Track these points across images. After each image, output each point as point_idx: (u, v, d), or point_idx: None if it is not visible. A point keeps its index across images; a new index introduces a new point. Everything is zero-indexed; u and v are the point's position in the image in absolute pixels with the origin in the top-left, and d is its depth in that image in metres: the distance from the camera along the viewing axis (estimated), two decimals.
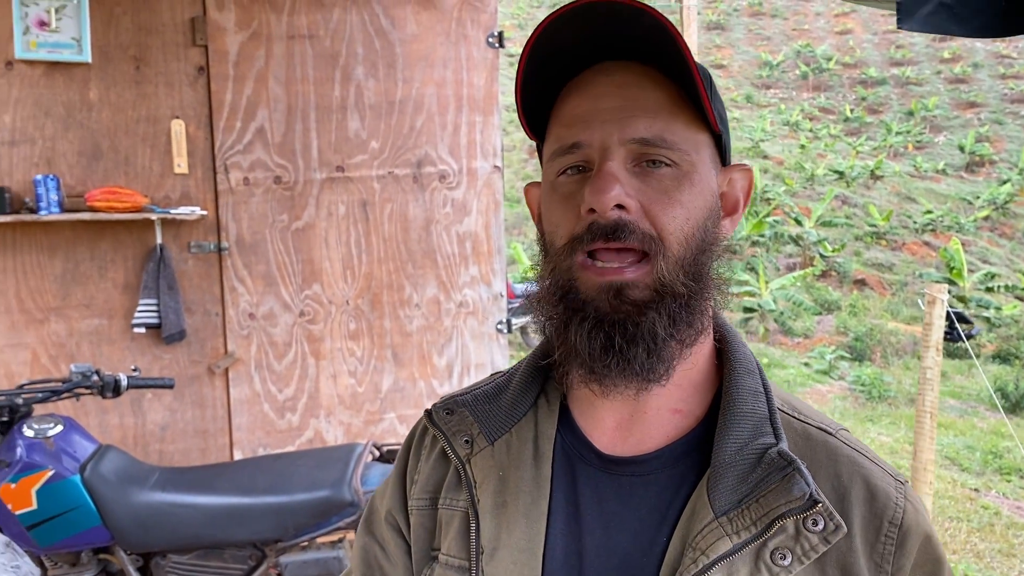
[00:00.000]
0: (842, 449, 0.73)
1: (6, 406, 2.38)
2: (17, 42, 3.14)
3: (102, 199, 3.15)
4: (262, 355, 3.50)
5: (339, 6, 3.48)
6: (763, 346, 12.70)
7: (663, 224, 0.69)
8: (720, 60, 38.14)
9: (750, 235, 17.49)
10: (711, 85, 0.73)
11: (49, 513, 2.28)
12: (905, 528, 0.69)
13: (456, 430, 0.82)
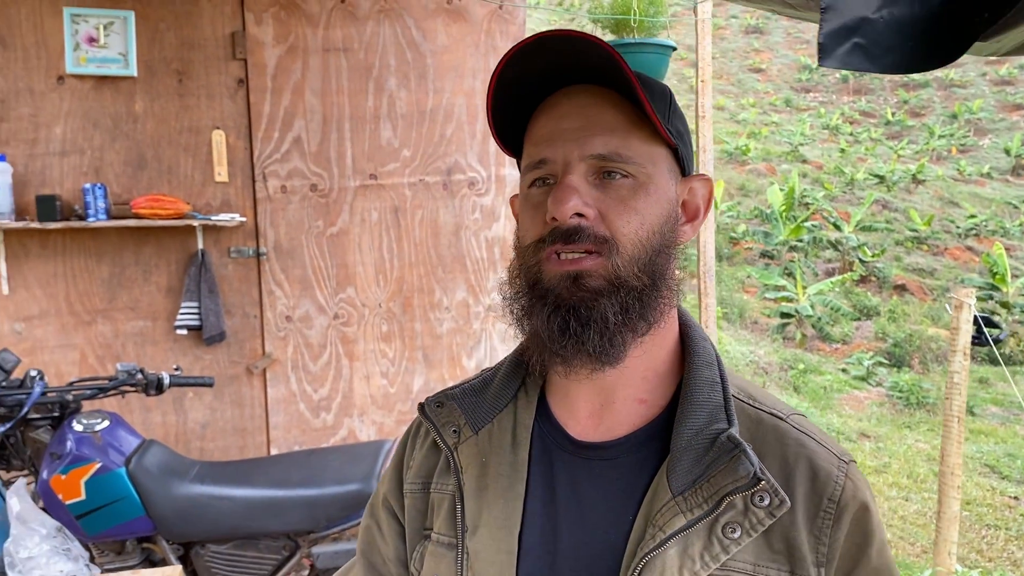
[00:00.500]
0: (790, 432, 0.80)
1: (57, 402, 2.52)
2: (68, 58, 3.31)
3: (147, 206, 3.30)
4: (298, 356, 3.63)
5: (372, 20, 3.60)
6: (800, 352, 12.59)
7: (617, 228, 0.77)
8: (759, 64, 37.82)
9: (788, 240, 17.32)
10: (669, 104, 0.81)
11: (96, 503, 2.41)
12: (843, 504, 0.76)
13: (445, 421, 0.91)
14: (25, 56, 3.29)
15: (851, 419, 9.15)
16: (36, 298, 3.36)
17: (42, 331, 3.36)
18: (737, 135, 27.27)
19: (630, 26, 2.54)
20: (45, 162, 3.33)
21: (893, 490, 6.68)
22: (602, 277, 0.77)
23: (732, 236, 19.32)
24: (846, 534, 0.75)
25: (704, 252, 2.18)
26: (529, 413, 0.89)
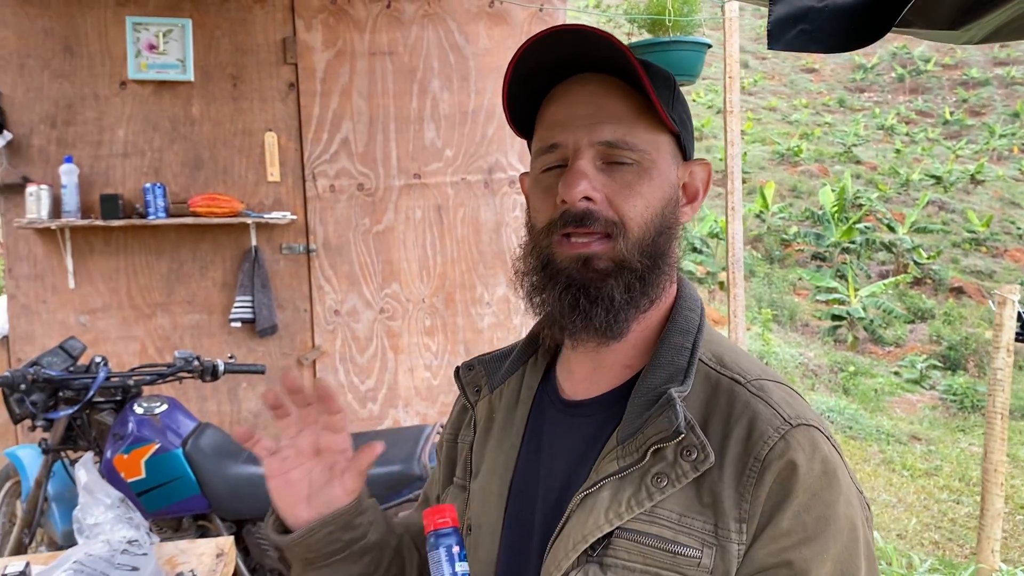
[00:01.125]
0: (742, 395, 0.83)
1: (120, 387, 2.69)
2: (130, 64, 3.50)
3: (203, 205, 3.47)
4: (346, 349, 3.77)
5: (417, 24, 3.73)
6: (851, 354, 12.41)
7: (624, 212, 0.84)
8: (811, 64, 37.29)
9: (840, 241, 17.08)
10: (672, 93, 0.89)
11: (155, 482, 2.57)
12: (767, 462, 0.76)
13: (471, 382, 1.03)
14: (91, 63, 3.49)
15: (902, 422, 9.02)
16: (100, 292, 3.55)
17: (105, 323, 3.55)
18: (789, 136, 26.94)
19: (665, 25, 2.61)
20: (109, 163, 3.52)
21: (944, 493, 6.59)
22: (610, 259, 0.84)
23: (783, 238, 19.11)
24: (767, 492, 0.76)
25: (733, 244, 2.23)
26: (535, 377, 0.99)
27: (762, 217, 19.52)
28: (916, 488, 6.63)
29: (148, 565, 1.75)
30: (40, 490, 2.71)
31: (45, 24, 3.43)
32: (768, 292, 15.45)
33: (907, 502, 6.24)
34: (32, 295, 3.50)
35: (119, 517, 1.94)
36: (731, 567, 0.76)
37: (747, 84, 34.00)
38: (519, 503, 0.92)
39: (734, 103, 2.13)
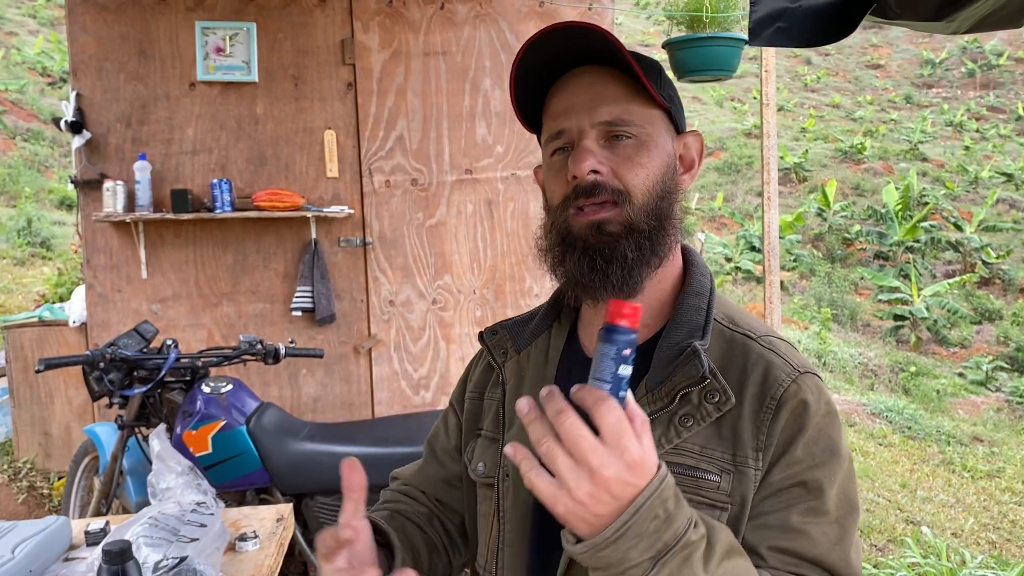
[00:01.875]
0: (755, 348, 0.97)
1: (189, 368, 2.87)
2: (199, 66, 3.70)
3: (266, 199, 3.66)
4: (400, 338, 3.92)
5: (469, 24, 3.86)
6: (913, 355, 12.18)
7: (628, 180, 0.95)
8: (877, 60, 36.44)
9: (904, 240, 16.72)
10: (659, 76, 1.00)
11: (221, 456, 2.74)
12: (783, 400, 0.90)
13: (496, 345, 1.14)
14: (162, 66, 3.70)
15: (964, 423, 8.85)
16: (170, 282, 3.76)
17: (175, 311, 3.77)
18: (852, 133, 26.40)
19: (703, 21, 2.68)
20: (179, 160, 3.73)
21: (1006, 495, 6.47)
22: (619, 223, 0.95)
23: (845, 237, 18.79)
24: (782, 426, 0.89)
25: (768, 231, 2.30)
26: (560, 339, 1.10)
27: (823, 216, 19.22)
28: (976, 489, 6.52)
29: (215, 524, 1.90)
30: (116, 463, 2.91)
31: (122, 30, 3.66)
32: (828, 291, 15.22)
33: (966, 503, 6.15)
34: (108, 285, 3.73)
35: (188, 483, 2.10)
36: (748, 490, 0.89)
37: (809, 80, 33.41)
38: None
39: (770, 96, 2.19)
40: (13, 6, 18.75)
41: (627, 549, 0.70)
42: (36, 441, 4.12)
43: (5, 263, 8.62)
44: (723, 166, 23.09)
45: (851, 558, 0.87)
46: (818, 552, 0.85)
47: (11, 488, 4.14)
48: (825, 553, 0.86)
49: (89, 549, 1.99)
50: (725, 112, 28.87)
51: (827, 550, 0.86)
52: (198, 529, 1.86)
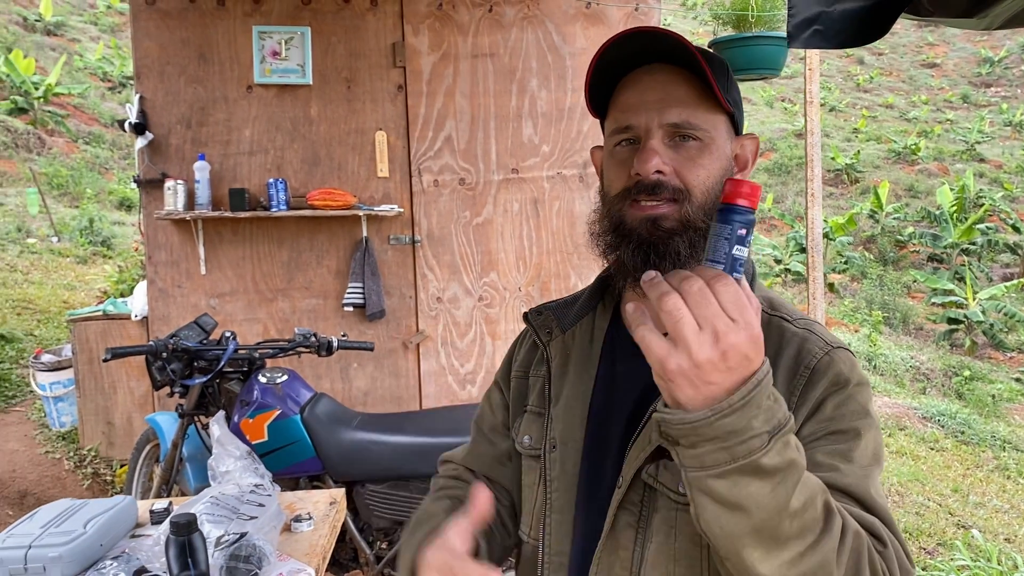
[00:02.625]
0: (790, 329, 1.02)
1: (246, 359, 2.99)
2: (256, 70, 3.84)
3: (320, 198, 3.77)
4: (447, 333, 4.01)
5: (516, 26, 3.93)
6: (968, 359, 11.92)
7: (689, 181, 1.00)
8: (933, 58, 35.63)
9: (958, 242, 16.35)
10: (727, 78, 1.04)
11: (276, 444, 2.85)
12: (816, 369, 0.96)
13: (541, 325, 1.20)
14: (221, 69, 3.84)
15: (1021, 428, 8.64)
16: (227, 278, 3.90)
17: (232, 306, 3.90)
18: (906, 134, 25.88)
19: (748, 21, 2.71)
20: (236, 160, 3.87)
21: None
22: (676, 220, 1.00)
23: (898, 239, 18.43)
24: (817, 393, 0.95)
25: (812, 228, 2.32)
26: (605, 320, 1.16)
27: (875, 217, 18.88)
28: None
29: (271, 505, 2.00)
30: (176, 451, 3.04)
31: (183, 35, 3.81)
32: (879, 294, 14.95)
33: (1020, 509, 6.02)
34: (168, 280, 3.88)
35: (246, 467, 2.20)
36: None
37: (862, 80, 32.83)
38: (598, 423, 1.09)
39: (814, 93, 2.22)
40: (76, 13, 19.35)
41: (751, 418, 0.72)
42: (100, 430, 4.30)
43: (68, 261, 8.94)
44: (773, 167, 22.82)
45: (875, 495, 0.90)
46: (847, 482, 0.89)
47: (76, 475, 4.32)
48: (855, 483, 0.89)
49: (154, 527, 2.10)
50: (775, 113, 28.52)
51: (856, 482, 0.90)
52: (256, 508, 1.96)
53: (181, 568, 1.48)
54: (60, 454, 4.49)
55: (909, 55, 36.08)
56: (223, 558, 1.70)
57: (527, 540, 1.14)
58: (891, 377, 10.17)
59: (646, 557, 0.99)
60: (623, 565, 1.00)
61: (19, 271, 8.09)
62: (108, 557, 1.91)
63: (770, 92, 29.73)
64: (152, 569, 1.80)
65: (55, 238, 9.46)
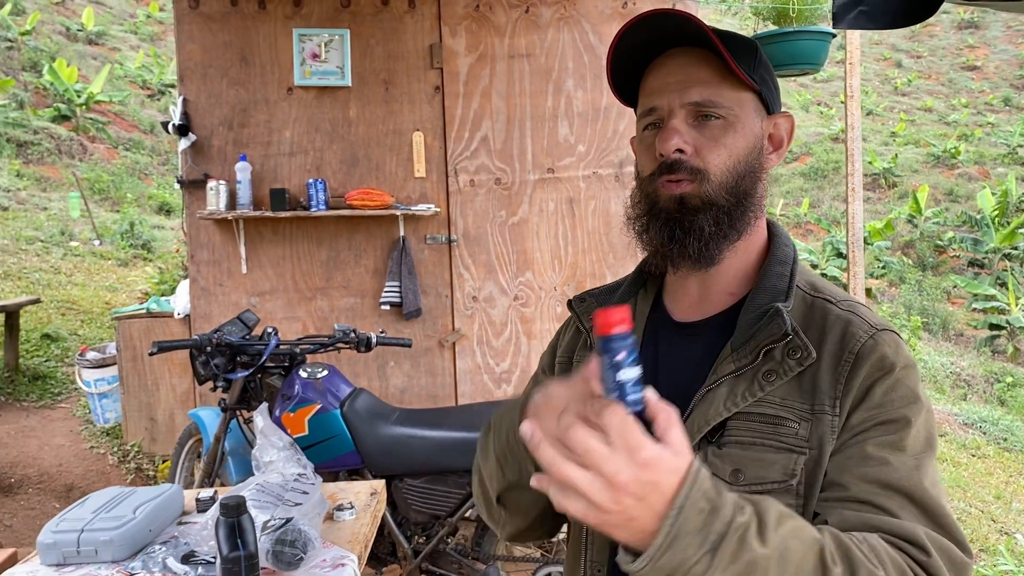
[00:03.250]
0: (834, 311, 1.02)
1: (287, 354, 3.04)
2: (296, 72, 3.90)
3: (358, 198, 3.82)
4: (483, 332, 4.03)
5: (553, 27, 3.96)
6: (1010, 365, 11.69)
7: (709, 160, 1.02)
8: (973, 61, 35.04)
9: (1000, 247, 16.05)
10: (754, 58, 1.05)
11: (317, 438, 2.89)
12: (861, 353, 0.95)
13: (584, 311, 1.22)
14: (262, 71, 3.91)
15: None
16: (268, 277, 3.96)
17: (272, 304, 3.96)
18: (946, 137, 25.48)
19: (789, 16, 2.70)
20: (277, 161, 3.94)
21: None
22: (698, 199, 1.02)
23: (938, 244, 18.15)
24: (862, 377, 0.94)
25: (852, 223, 2.31)
26: (646, 305, 1.18)
27: (914, 222, 18.62)
28: None
29: (314, 493, 2.03)
30: (219, 444, 3.10)
31: (225, 38, 3.88)
32: (918, 299, 14.74)
33: None
34: (210, 279, 3.96)
35: (289, 457, 2.24)
36: (825, 433, 0.94)
37: (900, 84, 32.39)
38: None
39: (854, 88, 2.21)
40: (116, 23, 19.76)
41: (683, 549, 0.71)
42: (143, 426, 4.39)
43: (110, 264, 9.13)
44: (809, 171, 22.59)
45: (927, 486, 0.90)
46: (898, 477, 0.89)
47: (120, 469, 4.41)
48: (905, 478, 0.89)
49: (200, 515, 2.15)
50: (811, 117, 28.24)
51: (906, 475, 0.89)
52: (301, 496, 2.00)
53: (231, 548, 1.51)
54: (104, 449, 4.59)
55: (948, 58, 35.53)
56: (269, 542, 1.74)
57: (575, 521, 1.15)
58: (931, 383, 10.01)
59: None
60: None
61: (63, 273, 8.27)
62: (157, 542, 1.95)
63: (806, 96, 29.47)
64: (200, 553, 1.84)
65: (97, 241, 9.66)
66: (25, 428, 4.79)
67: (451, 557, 2.92)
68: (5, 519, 3.97)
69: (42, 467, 4.41)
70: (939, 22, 38.24)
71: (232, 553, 1.51)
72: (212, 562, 1.78)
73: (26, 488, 4.27)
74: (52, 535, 1.85)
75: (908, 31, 32.31)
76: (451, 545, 2.96)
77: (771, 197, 21.39)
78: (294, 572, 1.76)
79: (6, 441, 4.58)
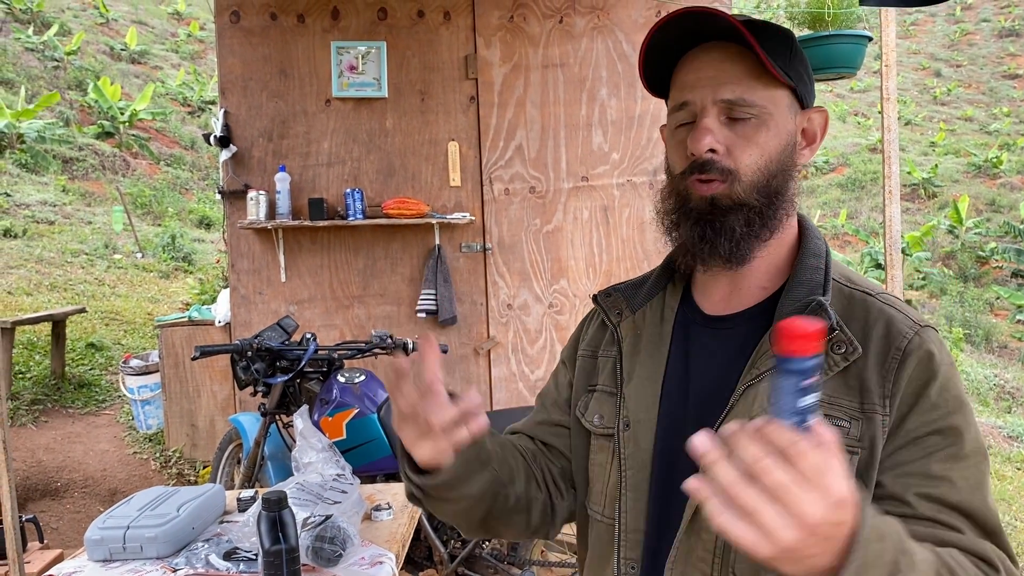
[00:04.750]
0: (875, 304, 1.00)
1: (326, 359, 3.08)
2: (334, 84, 3.97)
3: (395, 207, 3.87)
4: (517, 340, 4.05)
5: (587, 36, 3.99)
6: None
7: (740, 160, 1.01)
8: (1015, 69, 34.45)
9: None
10: (790, 51, 1.04)
11: (354, 442, 2.93)
12: (908, 351, 0.94)
13: (611, 306, 1.21)
14: (301, 84, 3.99)
15: None
16: (306, 285, 4.03)
17: (310, 312, 4.02)
18: (987, 147, 25.05)
19: (824, 19, 2.70)
20: (315, 171, 4.00)
21: None
22: (729, 199, 1.02)
23: (980, 255, 17.83)
24: (910, 375, 0.93)
25: (891, 228, 2.30)
26: (675, 299, 1.17)
27: (955, 233, 18.30)
28: None
29: (353, 493, 2.06)
30: (259, 448, 3.15)
31: (264, 51, 3.97)
32: (960, 311, 14.47)
33: None
34: (251, 287, 4.03)
35: (328, 459, 2.27)
36: (876, 434, 0.92)
37: (939, 93, 31.95)
38: (672, 401, 1.09)
39: (891, 90, 2.20)
40: (158, 42, 20.22)
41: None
42: (184, 432, 4.47)
43: (152, 276, 9.31)
44: (846, 182, 22.33)
45: (989, 502, 0.89)
46: (960, 498, 0.88)
47: (162, 474, 4.50)
48: (967, 499, 0.88)
49: (241, 514, 2.19)
50: (848, 127, 27.95)
51: (968, 495, 0.88)
52: (340, 495, 2.03)
53: (272, 542, 1.55)
54: (147, 455, 4.68)
55: (989, 66, 34.97)
56: (309, 538, 1.77)
57: (600, 519, 1.14)
58: (974, 395, 9.82)
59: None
60: (705, 547, 1.00)
61: (107, 285, 8.46)
62: (200, 539, 2.00)
63: (843, 107, 29.19)
64: (242, 550, 1.88)
65: (139, 254, 9.86)
66: (71, 434, 4.91)
67: (487, 562, 2.94)
68: (52, 522, 4.06)
69: (87, 472, 4.51)
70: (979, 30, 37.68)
71: (274, 546, 1.54)
72: (254, 558, 1.82)
73: (72, 492, 4.36)
74: (99, 531, 1.90)
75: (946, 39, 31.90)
76: (487, 550, 2.98)
77: (808, 208, 21.18)
78: (333, 569, 1.79)
79: (53, 447, 4.69)
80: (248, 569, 1.80)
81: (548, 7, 4.00)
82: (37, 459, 4.53)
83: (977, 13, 39.85)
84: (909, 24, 39.52)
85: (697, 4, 1.09)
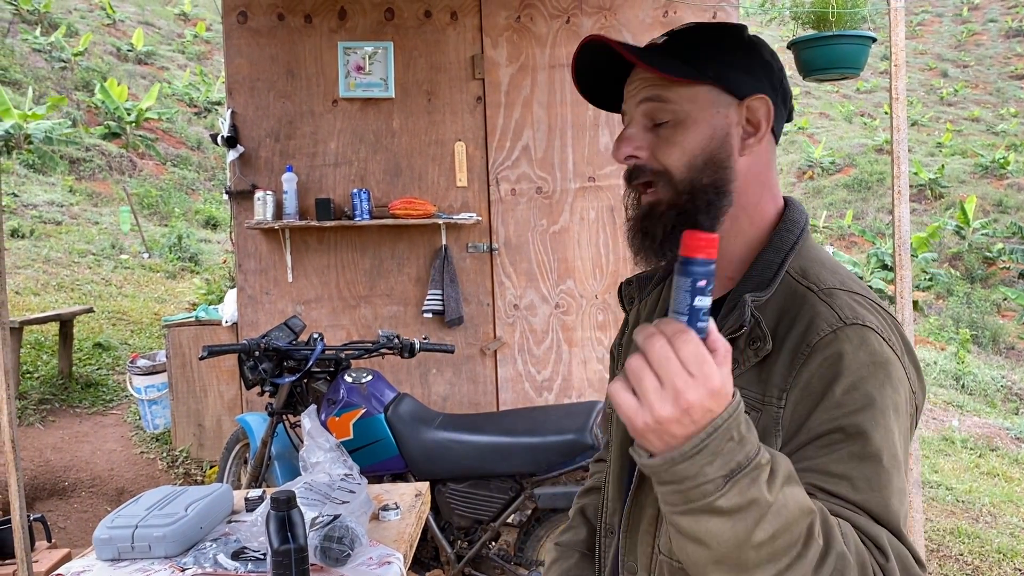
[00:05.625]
0: (811, 300, 0.99)
1: (333, 359, 3.09)
2: (341, 84, 3.98)
3: (401, 208, 3.88)
4: (524, 340, 4.05)
5: None
6: None
7: (665, 161, 1.03)
8: (1022, 70, 34.35)
9: None
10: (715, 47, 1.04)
11: (361, 442, 2.93)
12: (816, 348, 0.93)
13: (628, 295, 1.28)
14: (308, 84, 4.00)
15: None
16: (313, 285, 4.03)
17: (317, 312, 4.03)
18: (994, 148, 24.98)
19: (829, 20, 2.69)
20: (322, 171, 4.01)
21: None
22: (663, 204, 1.04)
23: (987, 256, 17.79)
24: (813, 371, 0.92)
25: (899, 227, 2.29)
26: (669, 289, 1.21)
27: (962, 233, 18.27)
28: None
29: (360, 493, 2.06)
30: (266, 448, 3.15)
31: (272, 52, 3.97)
32: (967, 312, 14.44)
33: None
34: (257, 287, 4.03)
35: (335, 459, 2.27)
36: (768, 425, 0.94)
37: (946, 94, 31.87)
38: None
39: (900, 90, 2.19)
40: (165, 43, 20.29)
41: (703, 465, 0.73)
42: (191, 432, 4.48)
43: (159, 276, 9.34)
44: (852, 183, 22.31)
45: (892, 505, 0.88)
46: (860, 497, 0.87)
47: (169, 474, 4.51)
48: (866, 499, 0.87)
49: (249, 514, 2.19)
50: (855, 128, 27.91)
51: (868, 495, 0.87)
52: (348, 495, 2.03)
53: (282, 542, 1.55)
54: (154, 454, 4.69)
55: (996, 67, 34.88)
56: (317, 538, 1.77)
57: (600, 487, 1.25)
58: (981, 397, 9.79)
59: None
60: (649, 521, 1.04)
61: (114, 285, 8.48)
62: (208, 539, 2.00)
63: (849, 107, 29.13)
64: (250, 549, 1.88)
65: (146, 254, 9.89)
66: (78, 434, 4.92)
67: (494, 562, 2.94)
68: (59, 521, 4.08)
69: (94, 471, 4.52)
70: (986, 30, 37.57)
71: (283, 546, 1.54)
72: (262, 558, 1.82)
73: (79, 491, 4.38)
74: (108, 531, 1.90)
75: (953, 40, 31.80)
76: (494, 550, 2.98)
77: (814, 208, 21.14)
78: (342, 568, 1.79)
79: (60, 446, 4.71)
80: (256, 569, 1.80)
81: (555, 7, 4.00)
82: (45, 459, 4.55)
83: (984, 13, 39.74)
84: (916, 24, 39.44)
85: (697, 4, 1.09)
